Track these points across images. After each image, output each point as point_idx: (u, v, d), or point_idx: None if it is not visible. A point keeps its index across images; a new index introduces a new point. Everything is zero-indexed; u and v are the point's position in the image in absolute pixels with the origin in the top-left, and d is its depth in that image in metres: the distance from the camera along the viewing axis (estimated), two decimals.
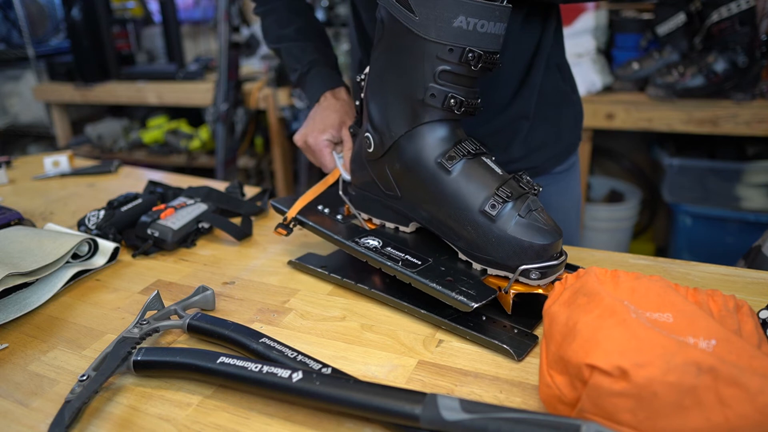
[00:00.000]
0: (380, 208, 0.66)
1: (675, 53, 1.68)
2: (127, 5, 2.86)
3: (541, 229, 0.54)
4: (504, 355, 0.51)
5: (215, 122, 2.21)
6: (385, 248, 0.61)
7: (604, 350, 0.36)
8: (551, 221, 0.56)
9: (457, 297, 0.53)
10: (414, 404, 0.39)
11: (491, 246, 0.55)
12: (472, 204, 0.56)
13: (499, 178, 0.57)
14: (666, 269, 0.65)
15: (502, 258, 0.55)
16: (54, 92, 2.61)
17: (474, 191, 0.56)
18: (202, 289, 0.61)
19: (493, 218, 0.54)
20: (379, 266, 0.60)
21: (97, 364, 0.49)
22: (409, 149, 0.59)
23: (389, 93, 0.60)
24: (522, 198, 0.55)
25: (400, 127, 0.60)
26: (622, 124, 1.61)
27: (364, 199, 0.68)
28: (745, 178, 1.74)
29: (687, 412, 0.34)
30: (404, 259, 0.59)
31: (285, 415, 0.45)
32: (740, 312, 0.43)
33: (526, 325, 0.55)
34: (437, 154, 0.58)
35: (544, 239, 0.53)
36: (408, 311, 0.58)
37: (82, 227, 0.78)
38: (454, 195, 0.57)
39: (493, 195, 0.55)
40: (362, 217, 0.69)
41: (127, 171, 1.19)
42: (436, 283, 0.55)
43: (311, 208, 0.71)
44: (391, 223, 0.67)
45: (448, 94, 0.56)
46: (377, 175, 0.64)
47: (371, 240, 0.63)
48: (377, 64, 0.61)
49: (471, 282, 0.55)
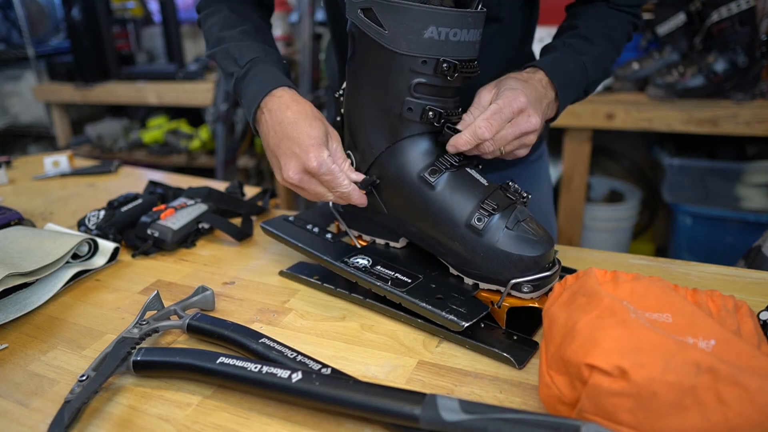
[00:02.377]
0: (369, 224, 0.65)
1: (675, 53, 1.68)
2: (127, 5, 2.86)
3: (531, 240, 0.53)
4: (504, 363, 0.51)
5: (215, 122, 2.21)
6: (374, 267, 0.60)
7: (603, 350, 0.36)
8: (541, 230, 0.55)
9: (448, 316, 0.51)
10: (413, 405, 0.39)
11: (480, 260, 0.54)
12: (458, 218, 0.55)
13: (484, 190, 0.56)
14: (666, 269, 0.65)
15: (493, 272, 0.53)
16: (54, 92, 2.61)
17: (459, 205, 0.55)
18: (202, 289, 0.61)
19: (480, 232, 0.53)
20: (369, 287, 0.58)
21: (97, 364, 0.49)
22: (391, 165, 0.58)
23: (366, 108, 0.58)
24: (509, 209, 0.54)
25: (380, 143, 0.58)
26: (622, 124, 1.61)
27: (353, 216, 0.67)
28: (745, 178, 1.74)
29: (686, 411, 0.34)
30: (394, 278, 0.58)
31: (285, 415, 0.45)
32: (739, 312, 0.43)
33: (526, 331, 0.54)
34: (420, 168, 0.57)
35: (534, 251, 0.52)
36: (405, 320, 0.57)
37: (82, 227, 0.78)
38: (440, 210, 0.56)
39: (478, 208, 0.54)
40: (353, 233, 0.67)
41: (127, 171, 1.19)
42: (426, 302, 0.53)
43: (300, 228, 0.69)
44: (381, 239, 0.66)
45: (426, 106, 0.54)
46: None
47: (360, 259, 0.61)
48: (352, 79, 0.59)
49: (462, 299, 0.54)
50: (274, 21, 2.46)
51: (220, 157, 2.25)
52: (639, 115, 1.60)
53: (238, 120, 2.24)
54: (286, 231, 0.68)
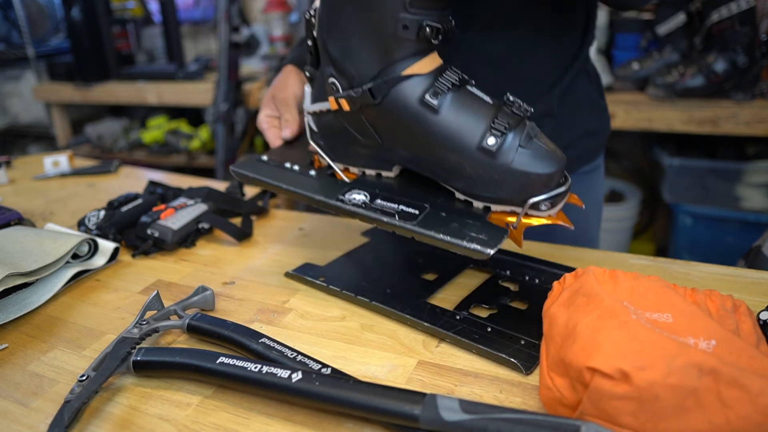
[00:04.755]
0: (357, 154, 0.59)
1: (675, 53, 1.69)
2: (127, 5, 2.86)
3: (545, 157, 0.49)
4: (511, 368, 0.50)
5: (215, 122, 2.21)
6: (374, 201, 0.55)
7: (604, 353, 0.36)
8: (552, 144, 0.51)
9: (470, 245, 0.47)
10: (413, 405, 0.39)
11: (494, 183, 0.50)
12: (468, 142, 0.50)
13: (491, 108, 0.51)
14: (666, 269, 0.65)
15: (508, 193, 0.50)
16: (54, 92, 2.61)
17: (468, 127, 0.50)
18: (202, 289, 0.61)
19: (494, 154, 0.49)
20: (374, 224, 0.53)
21: (97, 364, 0.49)
22: (385, 92, 0.52)
23: (351, 29, 0.52)
24: (520, 126, 0.50)
25: (370, 68, 0.52)
26: (622, 124, 1.61)
27: (337, 147, 0.60)
28: (745, 178, 1.74)
29: (688, 414, 0.34)
30: (399, 211, 0.53)
31: (285, 415, 0.45)
32: (738, 312, 0.43)
33: (533, 335, 0.53)
34: (419, 92, 0.51)
35: (550, 167, 0.49)
36: (411, 324, 0.56)
37: (82, 227, 0.78)
38: (447, 135, 0.51)
39: (490, 128, 0.49)
40: (338, 167, 0.61)
41: (127, 171, 1.19)
42: (442, 233, 0.49)
43: (278, 168, 0.62)
44: (372, 170, 0.59)
45: (423, 22, 0.49)
46: (351, 123, 0.57)
47: (356, 194, 0.56)
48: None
49: (478, 224, 0.50)
50: (273, 21, 2.47)
51: (220, 157, 2.25)
52: (639, 115, 1.60)
53: (238, 120, 2.24)
54: (263, 172, 0.61)
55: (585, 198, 0.83)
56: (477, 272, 0.66)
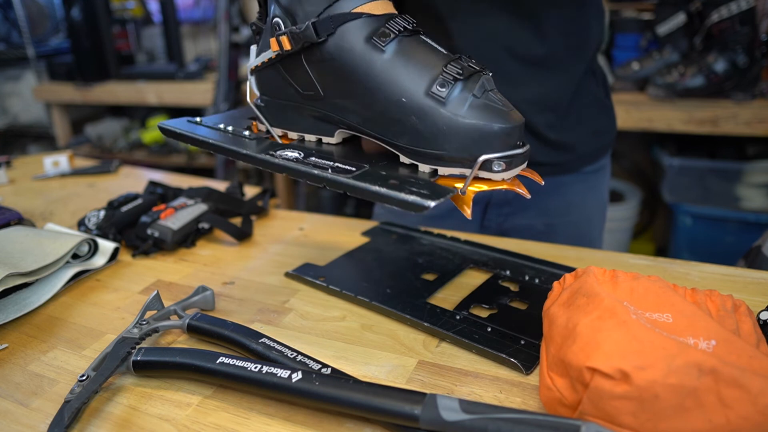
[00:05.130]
0: (297, 117, 0.55)
1: (675, 53, 1.69)
2: (127, 5, 2.86)
3: (501, 111, 0.45)
4: (511, 368, 0.50)
5: None
6: (308, 158, 0.51)
7: (604, 353, 0.36)
8: (509, 104, 0.47)
9: (409, 198, 0.43)
10: (413, 404, 0.39)
11: (442, 136, 0.45)
12: (415, 87, 0.46)
13: (444, 56, 0.47)
14: (666, 269, 0.65)
15: (457, 149, 0.45)
16: (54, 92, 2.61)
17: (416, 72, 0.46)
18: (202, 289, 0.61)
19: (443, 100, 0.45)
20: (304, 178, 0.49)
21: (97, 364, 0.49)
22: (328, 33, 0.48)
23: None
24: (475, 76, 0.46)
25: (318, 4, 0.48)
26: (622, 124, 1.61)
27: (276, 108, 0.56)
28: (745, 178, 1.74)
29: (688, 413, 0.34)
30: (334, 167, 0.48)
31: (285, 415, 0.45)
32: (738, 312, 0.43)
33: (533, 335, 0.53)
34: (367, 32, 0.47)
35: (504, 122, 0.44)
36: (411, 324, 0.56)
37: (82, 227, 0.78)
38: (393, 79, 0.46)
39: (440, 73, 0.45)
40: (275, 132, 0.57)
41: (127, 171, 1.19)
42: (378, 185, 0.45)
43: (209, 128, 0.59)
44: (312, 135, 0.55)
45: None
46: (292, 72, 0.53)
47: (290, 152, 0.52)
48: None
49: (421, 183, 0.46)
50: None
51: (220, 156, 2.25)
52: (639, 115, 1.60)
53: None
54: (190, 129, 0.59)
55: (588, 198, 0.82)
56: (477, 272, 0.66)
